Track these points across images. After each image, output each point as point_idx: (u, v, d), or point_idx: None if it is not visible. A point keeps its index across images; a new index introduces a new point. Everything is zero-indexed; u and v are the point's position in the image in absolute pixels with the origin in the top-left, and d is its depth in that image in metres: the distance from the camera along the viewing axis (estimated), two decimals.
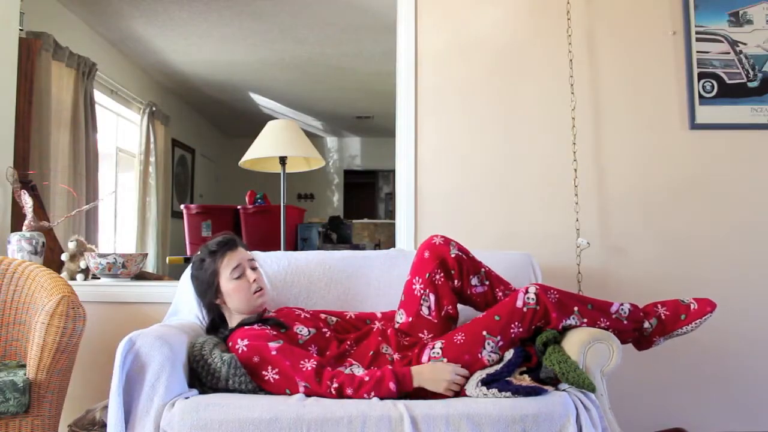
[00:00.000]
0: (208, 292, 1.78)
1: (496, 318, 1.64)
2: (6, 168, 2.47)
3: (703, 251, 2.53)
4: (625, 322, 1.72)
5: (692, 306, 1.75)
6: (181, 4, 3.91)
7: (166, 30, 4.36)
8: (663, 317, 1.75)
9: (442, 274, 1.76)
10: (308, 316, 1.83)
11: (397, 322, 1.81)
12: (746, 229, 2.53)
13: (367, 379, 1.52)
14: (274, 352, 1.57)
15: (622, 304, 1.74)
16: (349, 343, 1.76)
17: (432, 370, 1.56)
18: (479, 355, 1.62)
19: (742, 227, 2.53)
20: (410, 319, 1.77)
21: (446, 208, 2.56)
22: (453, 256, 1.77)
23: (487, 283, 1.81)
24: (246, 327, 1.69)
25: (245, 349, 1.60)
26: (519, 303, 1.65)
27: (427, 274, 1.76)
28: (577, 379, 1.53)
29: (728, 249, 2.53)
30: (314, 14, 4.09)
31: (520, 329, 1.64)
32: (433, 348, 1.65)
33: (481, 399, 1.48)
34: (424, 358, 1.65)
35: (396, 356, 1.70)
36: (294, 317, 1.80)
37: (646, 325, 1.74)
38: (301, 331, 1.73)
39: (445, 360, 1.62)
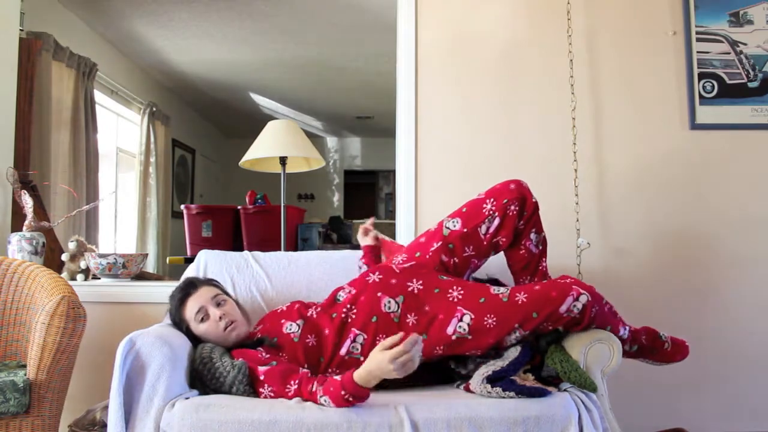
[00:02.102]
0: (188, 337, 1.74)
1: (534, 315, 1.56)
2: (6, 168, 2.47)
3: (703, 251, 2.53)
4: None
5: (666, 345, 1.79)
6: (182, 4, 3.91)
7: (166, 30, 4.36)
8: (642, 344, 1.78)
9: (516, 208, 1.75)
10: (284, 309, 1.81)
11: (448, 228, 1.78)
12: (746, 230, 2.53)
13: (333, 405, 1.42)
14: (262, 377, 1.56)
15: (625, 328, 1.72)
16: (345, 308, 1.69)
17: (376, 366, 1.37)
18: (502, 341, 1.58)
19: (742, 227, 2.53)
20: (465, 230, 1.76)
21: (446, 208, 2.52)
22: (533, 200, 1.78)
23: (541, 248, 1.80)
24: (242, 348, 1.69)
25: None
26: (563, 308, 1.55)
27: (505, 200, 1.75)
28: (578, 379, 1.53)
29: (728, 249, 2.52)
30: (314, 14, 4.09)
31: (550, 328, 1.60)
32: (461, 321, 1.58)
33: (483, 400, 1.48)
34: (450, 329, 1.58)
35: (411, 319, 1.61)
36: (277, 316, 1.78)
37: (626, 347, 1.75)
38: (290, 328, 1.71)
39: (471, 337, 1.57)
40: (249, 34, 4.43)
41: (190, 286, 1.80)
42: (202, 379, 1.59)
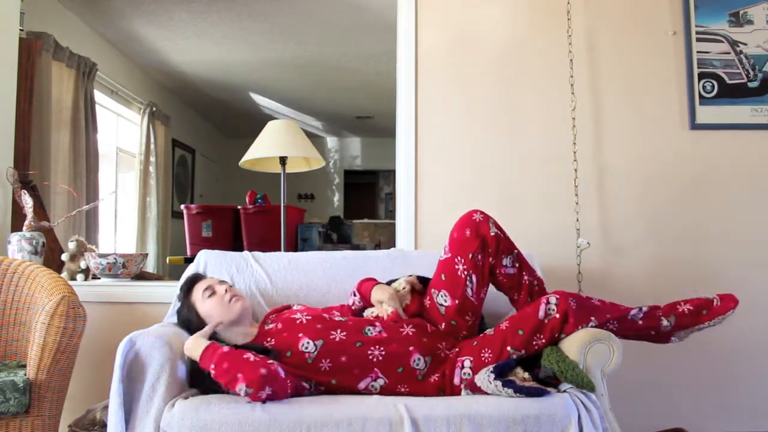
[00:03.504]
0: (194, 321, 1.76)
1: (520, 333, 1.62)
2: (6, 168, 2.47)
3: (704, 252, 2.53)
4: (640, 322, 1.67)
5: (715, 302, 1.71)
6: (181, 4, 3.91)
7: (166, 30, 4.36)
8: (684, 312, 1.69)
9: (482, 257, 1.76)
10: (310, 318, 1.77)
11: (441, 305, 1.78)
12: (746, 230, 2.53)
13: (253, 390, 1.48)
14: None
15: (640, 309, 1.68)
16: (373, 347, 1.68)
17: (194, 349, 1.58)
18: None
19: (743, 227, 2.53)
20: (457, 302, 1.76)
21: (446, 208, 2.55)
22: (492, 234, 1.76)
23: (517, 265, 1.81)
24: (248, 349, 1.67)
25: None
26: (540, 314, 1.62)
27: (470, 255, 1.75)
28: (576, 378, 1.52)
29: (728, 249, 2.52)
30: (314, 14, 4.09)
31: (543, 340, 1.62)
32: (463, 368, 1.64)
33: (482, 399, 1.49)
34: (456, 380, 1.64)
35: (434, 377, 1.66)
36: (296, 327, 1.73)
37: (665, 323, 1.68)
38: (307, 347, 1.66)
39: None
40: (249, 34, 4.43)
41: (197, 276, 1.91)
42: (202, 378, 1.59)
